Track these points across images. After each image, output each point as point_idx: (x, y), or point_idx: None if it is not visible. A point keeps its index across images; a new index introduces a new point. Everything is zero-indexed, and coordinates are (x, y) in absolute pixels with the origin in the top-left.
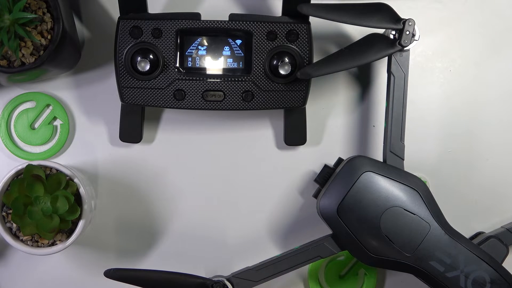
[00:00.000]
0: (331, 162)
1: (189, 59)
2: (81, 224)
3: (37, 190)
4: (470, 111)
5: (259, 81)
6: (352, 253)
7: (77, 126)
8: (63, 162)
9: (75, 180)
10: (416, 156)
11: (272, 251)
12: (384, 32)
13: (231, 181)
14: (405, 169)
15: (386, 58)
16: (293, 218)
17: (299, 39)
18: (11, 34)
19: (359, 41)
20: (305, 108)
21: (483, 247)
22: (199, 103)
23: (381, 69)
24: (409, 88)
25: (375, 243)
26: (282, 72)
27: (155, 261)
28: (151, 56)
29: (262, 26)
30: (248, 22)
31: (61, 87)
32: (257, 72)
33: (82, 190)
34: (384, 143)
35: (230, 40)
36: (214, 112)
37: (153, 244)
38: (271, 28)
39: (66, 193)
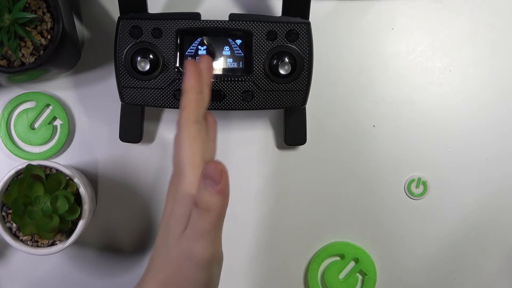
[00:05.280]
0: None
1: (189, 59)
2: (81, 224)
3: (37, 190)
4: (470, 111)
5: (259, 81)
6: None
7: (77, 126)
8: (63, 162)
9: (75, 180)
10: (416, 156)
11: (271, 251)
12: None
13: (230, 181)
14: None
15: None
16: (292, 218)
17: (299, 39)
18: (11, 34)
19: None
20: (305, 108)
21: None
22: None
23: (381, 68)
24: (409, 88)
25: None
26: (282, 72)
27: None
28: (151, 56)
29: (262, 26)
30: (248, 22)
31: (61, 87)
32: (257, 72)
33: (82, 190)
34: None
35: (230, 40)
36: (214, 112)
37: (153, 244)
38: (271, 28)
39: (66, 193)
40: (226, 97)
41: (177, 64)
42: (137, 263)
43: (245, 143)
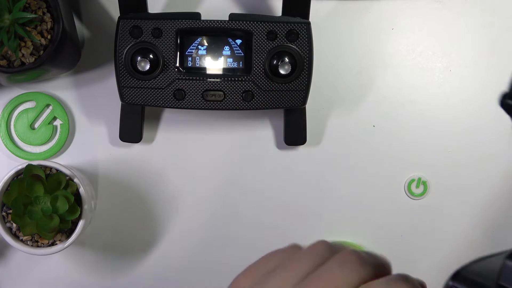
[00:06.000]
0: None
1: (189, 58)
2: (81, 224)
3: (37, 190)
4: (470, 111)
5: (259, 81)
6: None
7: (77, 126)
8: (63, 162)
9: (75, 180)
10: (416, 156)
11: (272, 250)
12: None
13: (231, 181)
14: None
15: None
16: (292, 218)
17: (299, 39)
18: (11, 34)
19: None
20: (305, 108)
21: None
22: (199, 103)
23: (381, 68)
24: (409, 88)
25: None
26: (282, 72)
27: (155, 261)
28: (151, 56)
29: (262, 26)
30: (248, 22)
31: (61, 87)
32: (257, 72)
33: (82, 190)
34: None
35: (230, 40)
36: (214, 112)
37: (153, 244)
38: (271, 28)
39: (66, 193)
40: (226, 97)
41: (177, 64)
42: (137, 263)
43: (245, 143)
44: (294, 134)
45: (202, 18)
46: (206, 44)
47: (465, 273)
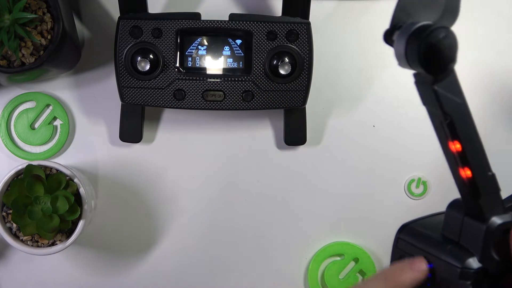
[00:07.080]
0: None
1: (189, 59)
2: (81, 224)
3: (37, 190)
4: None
5: (259, 81)
6: None
7: (77, 126)
8: (63, 162)
9: (75, 180)
10: (416, 156)
11: (271, 251)
12: None
13: (231, 181)
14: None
15: None
16: (292, 218)
17: (299, 39)
18: (11, 34)
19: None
20: (305, 108)
21: None
22: (199, 103)
23: (381, 68)
24: (409, 88)
25: None
26: (282, 72)
27: (155, 261)
28: (151, 56)
29: (262, 26)
30: (248, 22)
31: (61, 87)
32: (257, 72)
33: (82, 190)
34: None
35: (230, 40)
36: (214, 112)
37: (153, 244)
38: (271, 28)
39: (66, 193)
40: (226, 97)
41: (177, 64)
42: (137, 263)
43: (245, 143)
44: (294, 134)
45: (202, 18)
46: (206, 44)
47: (412, 225)
